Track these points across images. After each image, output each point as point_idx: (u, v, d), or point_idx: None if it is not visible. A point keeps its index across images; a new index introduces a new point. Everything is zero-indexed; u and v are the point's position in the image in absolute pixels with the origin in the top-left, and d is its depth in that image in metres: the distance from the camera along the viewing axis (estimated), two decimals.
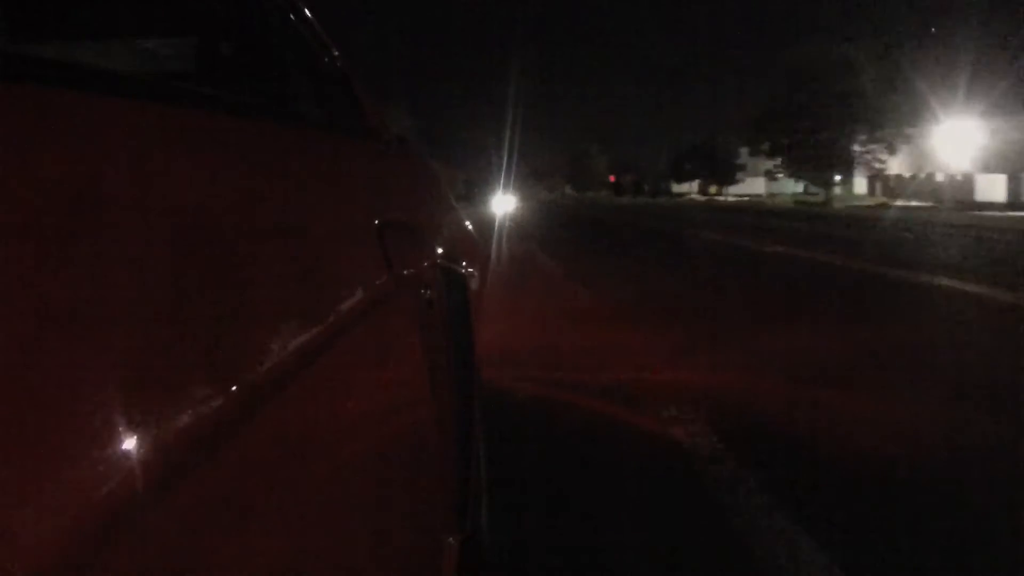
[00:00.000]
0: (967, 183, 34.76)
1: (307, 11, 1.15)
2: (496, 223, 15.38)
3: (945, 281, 6.91)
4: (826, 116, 37.60)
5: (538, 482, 2.29)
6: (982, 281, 6.85)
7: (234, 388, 0.38)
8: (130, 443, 0.29)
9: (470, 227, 2.12)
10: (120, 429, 0.29)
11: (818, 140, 38.64)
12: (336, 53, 1.30)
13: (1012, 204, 30.71)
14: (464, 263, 1.63)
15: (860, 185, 48.97)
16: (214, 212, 0.46)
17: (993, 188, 33.59)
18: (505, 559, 1.72)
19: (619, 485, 2.30)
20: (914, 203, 33.37)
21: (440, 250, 1.29)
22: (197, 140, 0.50)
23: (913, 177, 39.99)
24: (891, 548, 1.87)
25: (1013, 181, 32.67)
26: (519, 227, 17.55)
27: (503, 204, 23.95)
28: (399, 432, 0.75)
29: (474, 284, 1.75)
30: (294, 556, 0.43)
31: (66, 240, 0.30)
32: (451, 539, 1.05)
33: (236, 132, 0.59)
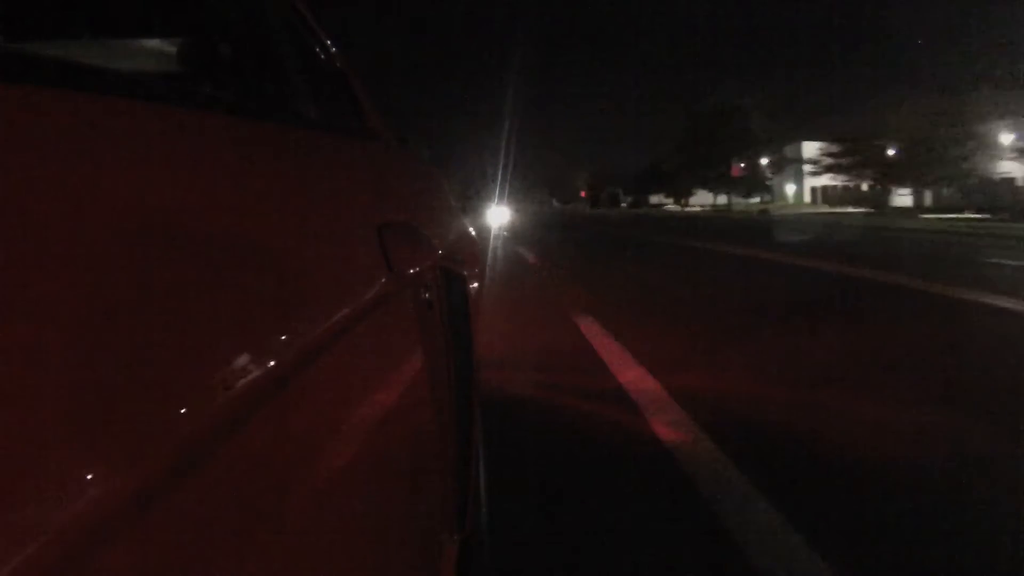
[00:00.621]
0: (886, 192, 42.42)
1: (307, 12, 1.15)
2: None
3: (705, 244, 14.20)
4: (719, 146, 53.76)
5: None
6: (718, 241, 14.75)
7: (233, 389, 0.38)
8: (129, 444, 0.29)
9: (470, 229, 2.12)
10: (119, 430, 0.29)
11: (711, 163, 55.45)
12: (336, 53, 1.30)
13: (918, 207, 38.13)
14: (464, 264, 1.63)
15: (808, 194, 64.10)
16: (213, 212, 0.46)
17: (903, 196, 41.98)
18: (504, 559, 1.72)
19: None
20: (850, 209, 41.89)
21: (440, 251, 1.29)
22: (196, 140, 0.49)
23: (845, 187, 49.69)
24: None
25: (916, 191, 40.68)
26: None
27: (498, 216, 27.59)
28: (399, 433, 0.75)
29: (474, 285, 1.75)
30: (292, 556, 0.43)
31: (65, 241, 0.30)
32: (450, 539, 1.05)
33: (236, 132, 0.59)
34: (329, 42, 1.31)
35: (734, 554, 1.79)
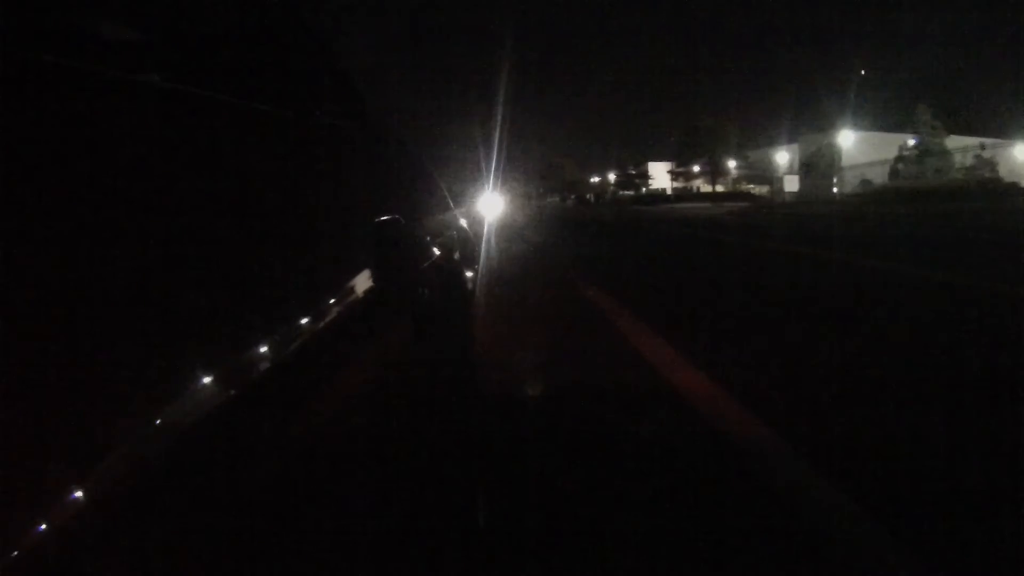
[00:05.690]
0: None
1: (307, 10, 1.15)
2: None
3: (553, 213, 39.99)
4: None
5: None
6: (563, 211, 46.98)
7: (234, 387, 0.38)
8: (129, 441, 0.29)
9: (467, 226, 2.12)
10: (119, 426, 0.29)
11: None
12: (337, 52, 1.30)
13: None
14: (462, 262, 1.63)
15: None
16: (214, 212, 0.46)
17: (792, 185, 52.71)
18: (506, 555, 1.72)
19: None
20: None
21: (438, 250, 1.29)
22: (197, 140, 0.50)
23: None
24: None
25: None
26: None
27: (492, 206, 37.35)
28: (398, 432, 0.76)
29: (472, 283, 1.75)
30: (291, 555, 0.43)
31: (68, 238, 0.31)
32: (451, 537, 1.05)
33: (236, 132, 0.59)
34: (330, 42, 1.30)
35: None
